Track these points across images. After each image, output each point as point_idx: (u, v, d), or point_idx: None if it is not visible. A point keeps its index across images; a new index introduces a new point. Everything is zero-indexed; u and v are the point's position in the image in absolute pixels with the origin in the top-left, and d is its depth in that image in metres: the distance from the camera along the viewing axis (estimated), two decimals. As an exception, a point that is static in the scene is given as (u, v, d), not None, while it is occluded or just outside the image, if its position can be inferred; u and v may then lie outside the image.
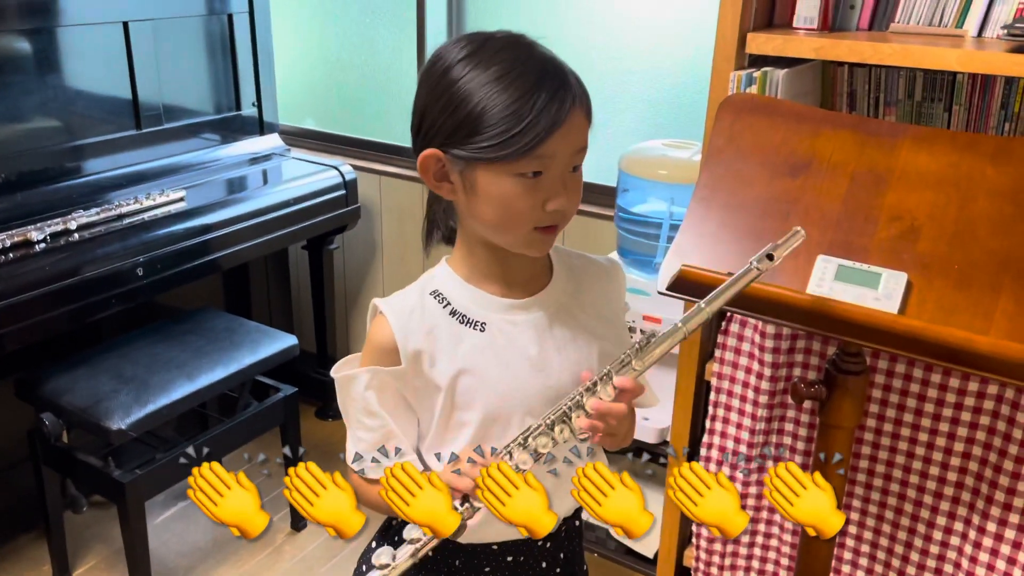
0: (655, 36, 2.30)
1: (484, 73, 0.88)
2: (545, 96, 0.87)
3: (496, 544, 1.06)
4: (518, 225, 0.93)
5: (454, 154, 0.91)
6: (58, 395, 1.98)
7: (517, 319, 1.00)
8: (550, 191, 0.91)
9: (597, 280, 1.08)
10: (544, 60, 0.91)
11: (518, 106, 0.87)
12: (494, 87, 0.87)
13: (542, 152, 0.88)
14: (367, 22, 2.83)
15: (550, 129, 0.87)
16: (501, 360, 0.99)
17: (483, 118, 0.87)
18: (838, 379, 1.28)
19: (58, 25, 2.12)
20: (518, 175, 0.89)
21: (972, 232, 1.17)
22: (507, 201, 0.91)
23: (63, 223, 2.01)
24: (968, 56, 1.34)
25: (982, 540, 1.47)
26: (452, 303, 1.00)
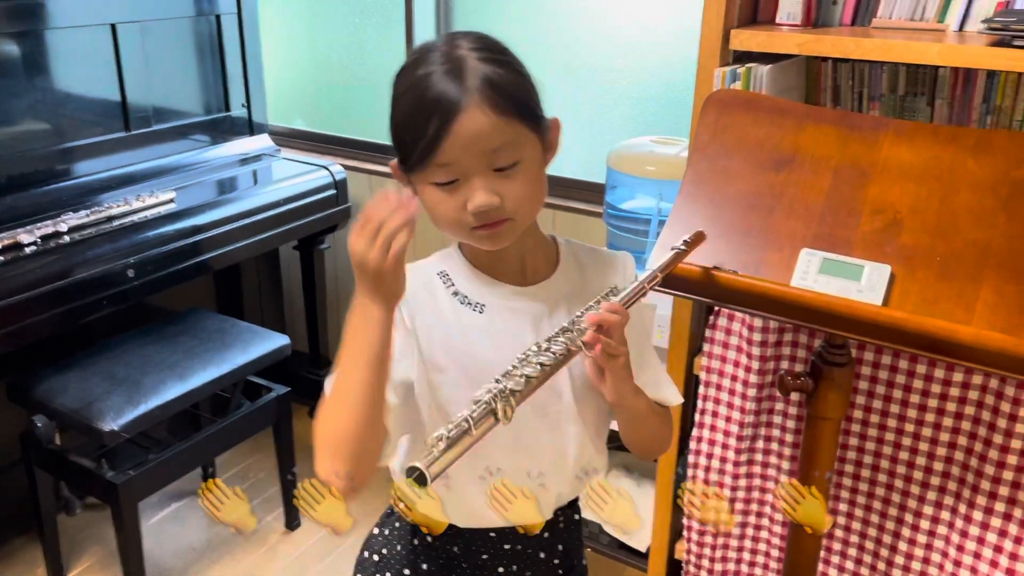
0: (641, 34, 2.31)
1: (401, 84, 0.94)
2: (434, 105, 0.89)
3: (494, 532, 1.07)
4: (452, 227, 0.95)
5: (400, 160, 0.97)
6: (50, 397, 1.98)
7: (516, 306, 1.01)
8: (467, 191, 0.92)
9: (604, 271, 1.09)
10: (452, 62, 0.91)
11: (410, 118, 0.91)
12: (404, 100, 0.93)
13: (440, 161, 0.90)
14: (356, 22, 2.83)
15: (436, 140, 0.89)
16: (496, 343, 1.00)
17: (395, 131, 0.95)
18: (824, 371, 1.30)
19: (46, 28, 2.12)
20: (433, 184, 0.93)
21: (954, 224, 1.18)
22: (433, 206, 0.95)
23: (53, 225, 2.02)
24: (950, 50, 1.35)
25: (969, 529, 1.49)
26: (456, 284, 1.02)
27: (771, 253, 1.25)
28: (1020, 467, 1.41)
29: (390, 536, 1.12)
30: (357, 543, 1.20)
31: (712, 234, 1.29)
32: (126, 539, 1.98)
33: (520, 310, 1.02)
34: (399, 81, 0.95)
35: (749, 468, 1.70)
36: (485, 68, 0.91)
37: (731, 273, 1.22)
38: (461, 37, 0.94)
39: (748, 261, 1.25)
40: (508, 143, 0.91)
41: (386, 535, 1.13)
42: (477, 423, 0.81)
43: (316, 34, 2.95)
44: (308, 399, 2.90)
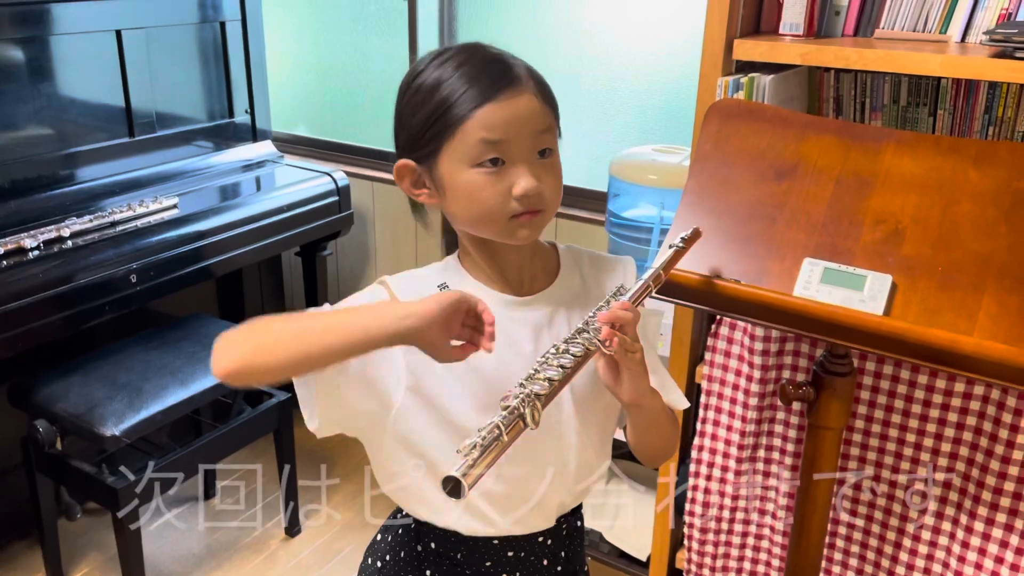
0: (644, 43, 2.32)
1: (436, 72, 0.93)
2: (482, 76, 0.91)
3: (496, 539, 1.06)
4: (491, 217, 0.94)
5: (420, 157, 0.95)
6: (52, 402, 1.98)
7: (516, 316, 1.01)
8: (514, 176, 0.92)
9: (606, 275, 1.09)
10: (490, 56, 0.94)
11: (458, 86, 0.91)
12: (442, 87, 0.92)
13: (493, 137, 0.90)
14: (359, 29, 2.84)
15: (487, 95, 0.90)
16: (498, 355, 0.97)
17: (435, 110, 0.92)
18: (826, 380, 1.30)
19: (51, 34, 2.13)
20: (477, 165, 0.91)
21: (955, 234, 1.19)
22: (473, 193, 0.93)
23: (56, 230, 2.02)
24: (951, 61, 1.36)
25: (970, 540, 1.48)
26: None
27: (773, 262, 1.25)
28: (1021, 478, 1.41)
29: (393, 542, 1.12)
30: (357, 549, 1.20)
31: (714, 243, 1.29)
32: (126, 544, 1.97)
33: (520, 320, 1.01)
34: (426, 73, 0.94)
35: (750, 477, 1.70)
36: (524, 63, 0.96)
37: (733, 282, 1.23)
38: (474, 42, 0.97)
39: (750, 270, 1.25)
40: (550, 129, 0.95)
41: (388, 541, 1.13)
42: (508, 429, 0.80)
43: (319, 41, 2.96)
44: (309, 405, 2.90)
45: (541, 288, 1.04)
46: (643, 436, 1.06)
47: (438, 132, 0.92)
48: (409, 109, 0.95)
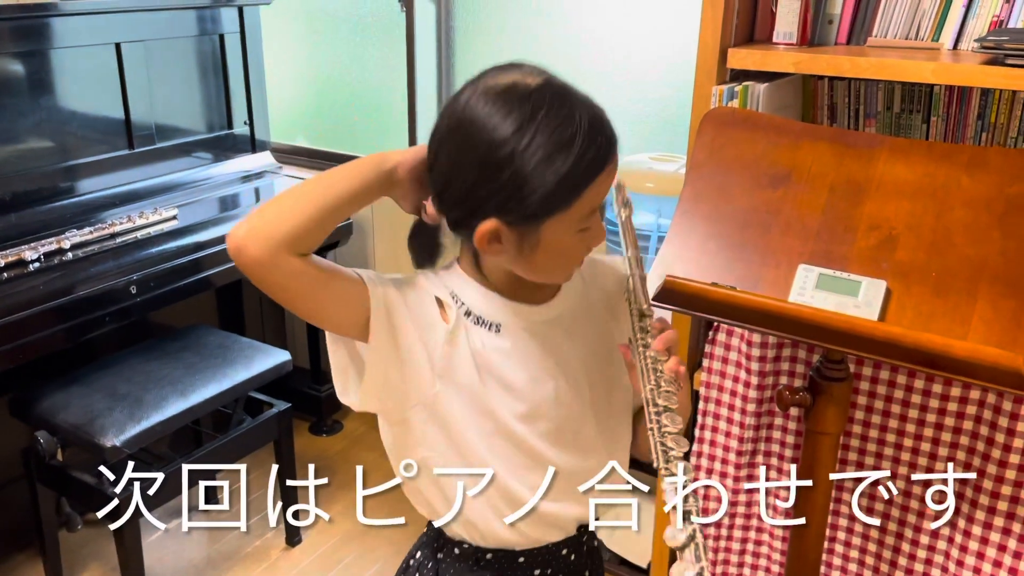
0: (640, 53, 2.34)
1: (546, 143, 0.87)
2: (594, 141, 0.89)
3: (523, 556, 1.05)
4: (569, 268, 0.98)
5: (513, 219, 0.90)
6: (52, 413, 1.99)
7: (531, 323, 1.01)
8: (596, 232, 0.95)
9: (603, 276, 1.10)
10: (587, 108, 0.91)
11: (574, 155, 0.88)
12: (557, 154, 0.87)
13: (598, 192, 0.91)
14: (357, 40, 2.86)
15: (602, 164, 0.90)
16: (517, 363, 0.99)
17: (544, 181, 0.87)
18: (822, 386, 1.31)
19: (51, 47, 2.14)
20: (582, 230, 0.92)
21: (949, 240, 1.20)
22: (569, 254, 0.96)
23: (56, 242, 2.03)
24: (944, 69, 1.37)
25: (968, 544, 1.49)
26: (467, 304, 0.99)
27: (769, 269, 1.26)
28: (1018, 482, 1.41)
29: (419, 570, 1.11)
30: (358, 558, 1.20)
31: (710, 250, 1.30)
32: (127, 555, 1.98)
33: (536, 329, 1.01)
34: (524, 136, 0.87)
35: (749, 483, 1.70)
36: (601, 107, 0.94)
37: (729, 289, 1.24)
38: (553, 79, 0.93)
39: (746, 277, 1.26)
40: None
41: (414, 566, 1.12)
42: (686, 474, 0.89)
43: (318, 52, 2.98)
44: (309, 415, 2.90)
45: (549, 295, 1.03)
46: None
47: (549, 202, 0.89)
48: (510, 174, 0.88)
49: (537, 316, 1.01)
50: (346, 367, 0.98)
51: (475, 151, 0.89)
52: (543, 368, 1.00)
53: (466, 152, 0.89)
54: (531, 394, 0.99)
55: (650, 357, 0.95)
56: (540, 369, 1.00)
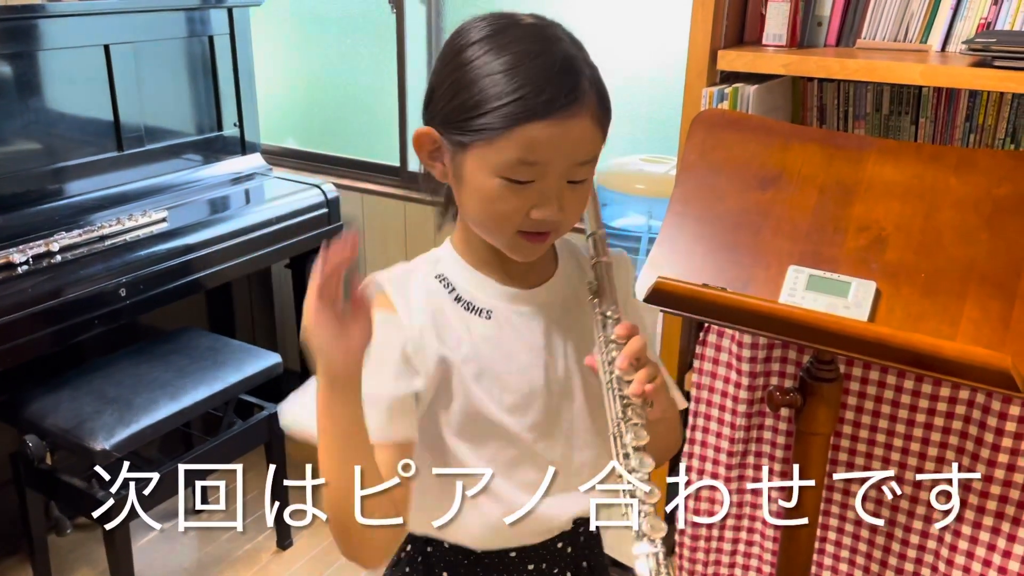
0: (631, 55, 2.34)
1: (494, 61, 0.83)
2: (543, 87, 0.82)
3: (514, 551, 1.01)
4: (499, 227, 0.89)
5: (448, 137, 0.87)
6: (41, 417, 1.98)
7: (523, 309, 0.97)
8: (538, 199, 0.86)
9: None
10: (563, 56, 0.85)
11: (512, 88, 0.82)
12: (496, 80, 0.83)
13: (531, 159, 0.83)
14: (347, 42, 2.86)
15: (539, 113, 0.81)
16: (508, 350, 0.95)
17: (478, 106, 0.83)
18: (812, 386, 1.31)
19: (39, 49, 2.13)
20: (504, 178, 0.84)
21: (938, 241, 1.20)
22: (490, 200, 0.86)
23: (45, 245, 2.02)
24: (932, 71, 1.38)
25: (958, 543, 1.50)
26: (457, 288, 0.96)
27: (759, 270, 1.27)
28: (1008, 481, 1.42)
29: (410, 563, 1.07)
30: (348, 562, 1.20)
31: (701, 252, 1.31)
32: (117, 559, 1.97)
33: (528, 314, 0.97)
34: (482, 48, 0.84)
35: (740, 483, 1.71)
36: (591, 72, 0.87)
37: (720, 290, 1.24)
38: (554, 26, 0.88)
39: (736, 278, 1.27)
40: (594, 157, 0.89)
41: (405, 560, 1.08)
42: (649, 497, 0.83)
43: (308, 53, 2.97)
44: (300, 417, 2.89)
45: (542, 279, 0.99)
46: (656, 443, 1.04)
47: (475, 127, 0.83)
48: (450, 83, 0.86)
49: (529, 301, 0.97)
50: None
51: (445, 54, 0.89)
52: (533, 356, 0.96)
53: (441, 56, 0.90)
54: (519, 384, 0.95)
55: (615, 377, 0.87)
56: (530, 357, 0.96)
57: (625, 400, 0.86)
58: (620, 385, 0.87)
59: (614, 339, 0.89)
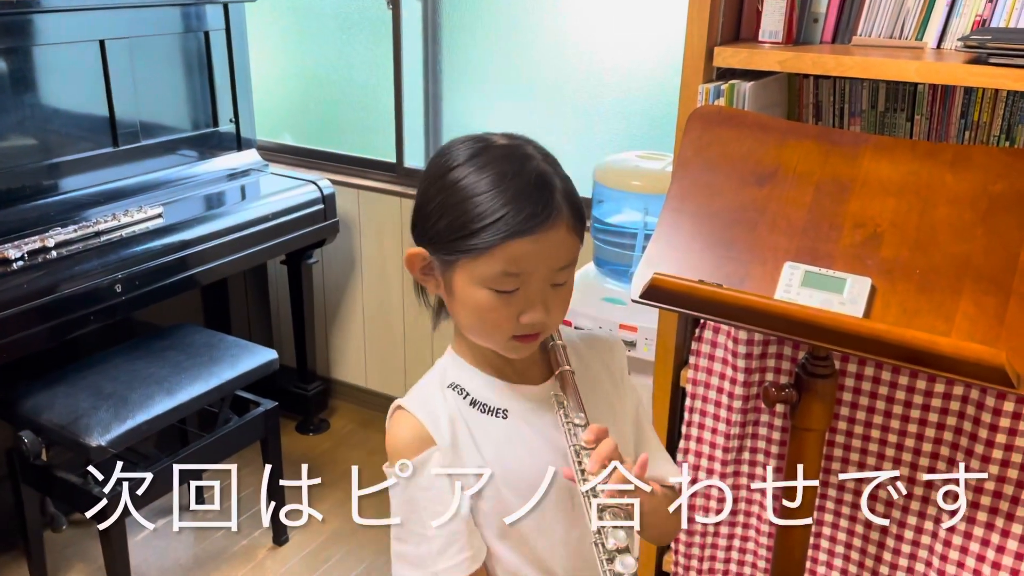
0: (627, 50, 2.34)
1: (472, 186, 0.89)
2: (522, 206, 0.88)
3: None
4: (493, 334, 0.94)
5: (436, 255, 0.93)
6: (37, 413, 1.97)
7: (536, 406, 1.00)
8: (525, 305, 0.91)
9: (600, 354, 1.09)
10: (536, 174, 0.91)
11: (490, 218, 0.88)
12: (476, 200, 0.89)
13: (514, 270, 0.89)
14: (343, 38, 2.85)
15: (520, 231, 0.87)
16: (528, 448, 0.98)
17: (463, 226, 0.89)
18: (808, 382, 1.32)
19: (34, 44, 2.12)
20: (491, 289, 0.90)
21: (933, 238, 1.21)
22: (481, 311, 0.92)
23: (40, 241, 2.02)
24: (927, 68, 1.38)
25: (952, 539, 1.50)
26: (471, 393, 0.99)
27: (755, 267, 1.27)
28: (1001, 477, 1.43)
29: None
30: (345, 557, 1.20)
31: (696, 248, 1.31)
32: (113, 555, 1.97)
33: (540, 410, 1.00)
34: (463, 172, 0.91)
35: (735, 480, 1.71)
36: (563, 185, 0.93)
37: (716, 286, 1.24)
38: (525, 144, 0.94)
39: (732, 274, 1.27)
40: (572, 263, 0.94)
41: None
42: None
43: (304, 49, 2.97)
44: (296, 414, 2.90)
45: (544, 372, 1.02)
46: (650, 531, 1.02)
47: (462, 247, 0.89)
48: (436, 205, 0.92)
49: (540, 396, 1.00)
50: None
51: (428, 176, 0.95)
52: (553, 450, 0.98)
53: (424, 177, 0.96)
54: (537, 477, 0.97)
55: (589, 484, 0.90)
56: (551, 451, 0.98)
57: (602, 505, 0.90)
58: (595, 490, 0.90)
59: (584, 445, 0.93)
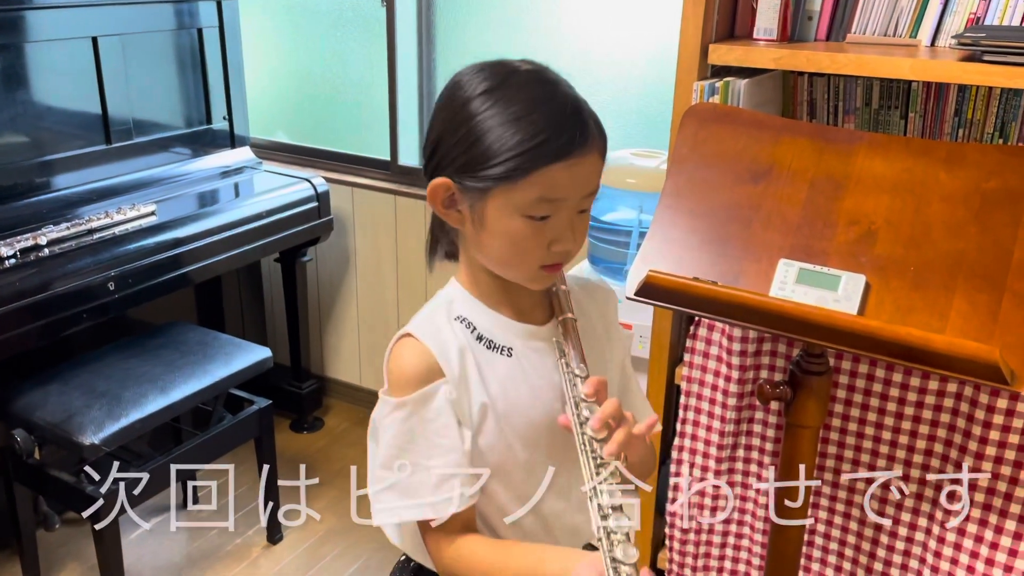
0: (621, 48, 2.34)
1: (504, 111, 0.88)
2: (560, 131, 0.87)
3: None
4: (524, 263, 0.94)
5: (466, 185, 0.91)
6: (30, 411, 1.96)
7: (538, 346, 1.00)
8: (557, 233, 0.91)
9: (596, 303, 1.09)
10: (566, 100, 0.90)
11: (530, 135, 0.87)
12: (512, 127, 0.87)
13: (553, 196, 0.88)
14: (337, 35, 2.84)
15: (559, 155, 0.87)
16: (530, 386, 0.99)
17: (498, 153, 0.88)
18: (802, 380, 1.32)
19: (26, 41, 2.11)
20: (527, 216, 0.90)
21: (927, 235, 1.21)
22: (514, 239, 0.91)
23: (33, 238, 2.01)
24: (921, 65, 1.38)
25: (946, 535, 1.51)
26: (478, 328, 0.99)
27: (749, 264, 1.27)
28: (995, 473, 1.43)
29: None
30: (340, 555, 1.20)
31: (691, 245, 1.31)
32: (106, 554, 1.96)
33: (543, 350, 1.00)
34: (491, 99, 0.89)
35: (730, 477, 1.72)
36: (590, 109, 0.93)
37: (710, 283, 1.24)
38: (549, 70, 0.93)
39: (727, 272, 1.27)
40: (597, 189, 0.94)
41: None
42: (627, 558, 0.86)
43: (298, 47, 2.96)
44: (290, 412, 2.89)
45: (545, 314, 1.02)
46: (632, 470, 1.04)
47: (498, 174, 0.88)
48: (465, 133, 0.90)
49: (544, 336, 1.01)
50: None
51: (449, 107, 0.92)
52: (553, 390, 0.99)
53: (442, 108, 0.93)
54: (541, 418, 0.99)
55: (588, 438, 0.91)
56: (550, 391, 0.99)
57: (599, 460, 0.90)
58: (593, 445, 0.91)
59: (583, 397, 0.93)
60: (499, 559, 0.96)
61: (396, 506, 0.97)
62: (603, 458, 0.89)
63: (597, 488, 0.88)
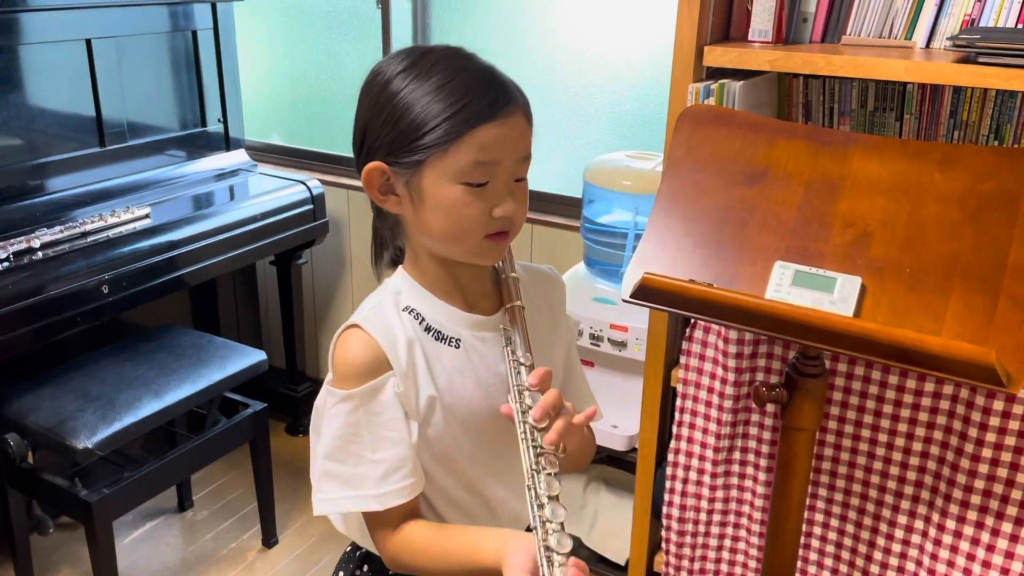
0: (617, 50, 2.34)
1: (424, 83, 0.90)
2: (483, 93, 0.89)
3: None
4: (468, 234, 0.93)
5: (399, 163, 0.92)
6: (23, 415, 1.96)
7: (486, 336, 1.00)
8: (497, 197, 0.92)
9: (543, 289, 1.10)
10: (483, 69, 0.93)
11: (455, 99, 0.88)
12: (435, 96, 0.89)
13: (485, 158, 0.89)
14: (332, 37, 2.84)
15: (487, 115, 0.88)
16: (477, 378, 0.99)
17: (424, 123, 0.89)
18: (798, 382, 1.31)
19: (20, 43, 2.11)
20: (463, 183, 0.90)
21: (922, 237, 1.21)
22: (454, 208, 0.91)
23: (27, 241, 2.00)
24: (917, 67, 1.38)
25: (942, 537, 1.51)
26: (426, 319, 0.98)
27: (745, 266, 1.27)
28: (991, 476, 1.43)
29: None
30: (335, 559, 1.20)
31: (687, 248, 1.31)
32: (100, 559, 1.95)
33: (491, 340, 1.00)
34: (406, 78, 0.91)
35: (726, 479, 1.71)
36: (509, 77, 0.94)
37: (706, 286, 1.24)
38: (463, 48, 0.96)
39: (723, 274, 1.27)
40: (529, 156, 0.95)
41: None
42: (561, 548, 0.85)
43: (293, 49, 2.95)
44: (285, 415, 2.88)
45: (494, 304, 1.03)
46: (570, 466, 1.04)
47: (428, 144, 0.89)
48: (389, 112, 0.91)
49: (491, 327, 1.01)
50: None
51: (369, 92, 0.95)
52: (498, 381, 0.99)
53: (364, 96, 0.96)
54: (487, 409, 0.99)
55: (529, 427, 0.91)
56: (496, 382, 0.99)
57: (539, 450, 0.90)
58: (534, 435, 0.91)
59: (527, 386, 0.93)
60: (439, 543, 0.96)
61: (339, 496, 0.97)
62: (543, 447, 0.90)
63: (536, 477, 0.89)
